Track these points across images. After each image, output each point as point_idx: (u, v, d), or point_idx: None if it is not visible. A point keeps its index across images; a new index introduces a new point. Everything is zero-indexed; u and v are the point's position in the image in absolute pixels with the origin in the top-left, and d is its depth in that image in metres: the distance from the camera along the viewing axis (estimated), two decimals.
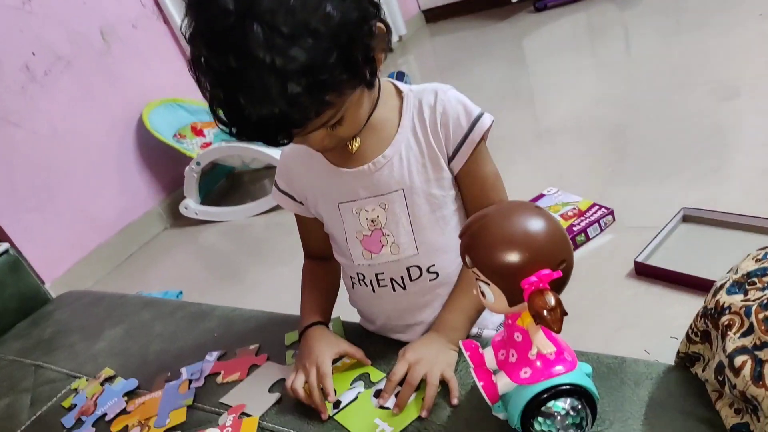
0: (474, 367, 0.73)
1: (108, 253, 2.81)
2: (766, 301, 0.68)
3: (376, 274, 0.97)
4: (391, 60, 4.01)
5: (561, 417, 0.69)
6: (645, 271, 1.67)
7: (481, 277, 0.67)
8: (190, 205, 2.93)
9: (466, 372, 0.90)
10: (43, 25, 2.60)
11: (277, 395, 0.99)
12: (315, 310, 1.03)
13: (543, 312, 0.61)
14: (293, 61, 0.69)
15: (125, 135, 2.91)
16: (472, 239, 0.68)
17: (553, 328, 0.62)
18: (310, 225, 1.04)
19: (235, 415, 0.97)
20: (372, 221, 0.93)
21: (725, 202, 1.78)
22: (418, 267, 0.95)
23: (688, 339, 0.80)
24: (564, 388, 0.69)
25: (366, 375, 0.96)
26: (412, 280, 0.96)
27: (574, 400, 0.70)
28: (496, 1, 4.33)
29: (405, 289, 0.96)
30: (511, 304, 0.67)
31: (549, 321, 0.61)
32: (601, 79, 3.04)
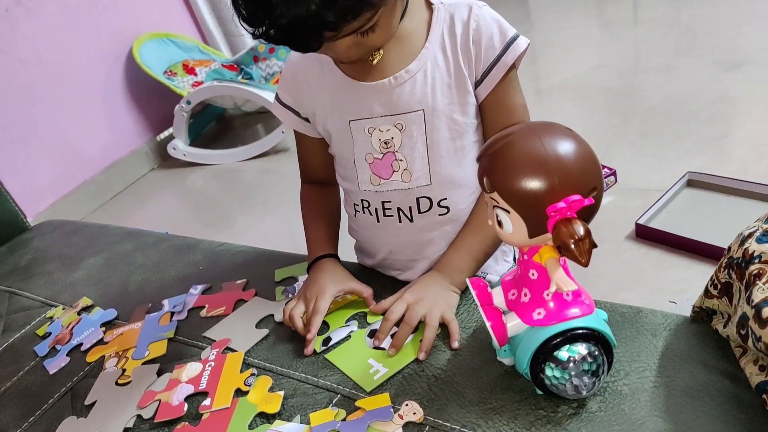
0: (482, 305, 0.68)
1: (92, 191, 2.73)
2: None
3: (383, 202, 0.90)
4: None
5: (576, 363, 0.64)
6: (646, 234, 1.63)
7: (500, 203, 0.60)
8: (179, 146, 2.84)
9: (468, 315, 0.85)
10: None
11: (264, 331, 0.93)
12: (324, 240, 0.97)
13: (570, 243, 0.55)
14: None
15: (113, 68, 2.80)
16: (494, 159, 0.61)
17: (581, 261, 0.56)
18: (311, 146, 0.97)
19: (219, 350, 0.92)
20: (385, 143, 0.86)
21: (729, 170, 1.74)
22: (429, 199, 0.88)
23: (705, 293, 0.76)
24: (580, 332, 0.64)
25: (363, 315, 0.90)
26: (420, 213, 0.89)
27: (591, 346, 0.64)
28: None
29: (412, 221, 0.90)
30: (531, 235, 0.61)
31: (576, 253, 0.55)
32: (606, 39, 2.98)
